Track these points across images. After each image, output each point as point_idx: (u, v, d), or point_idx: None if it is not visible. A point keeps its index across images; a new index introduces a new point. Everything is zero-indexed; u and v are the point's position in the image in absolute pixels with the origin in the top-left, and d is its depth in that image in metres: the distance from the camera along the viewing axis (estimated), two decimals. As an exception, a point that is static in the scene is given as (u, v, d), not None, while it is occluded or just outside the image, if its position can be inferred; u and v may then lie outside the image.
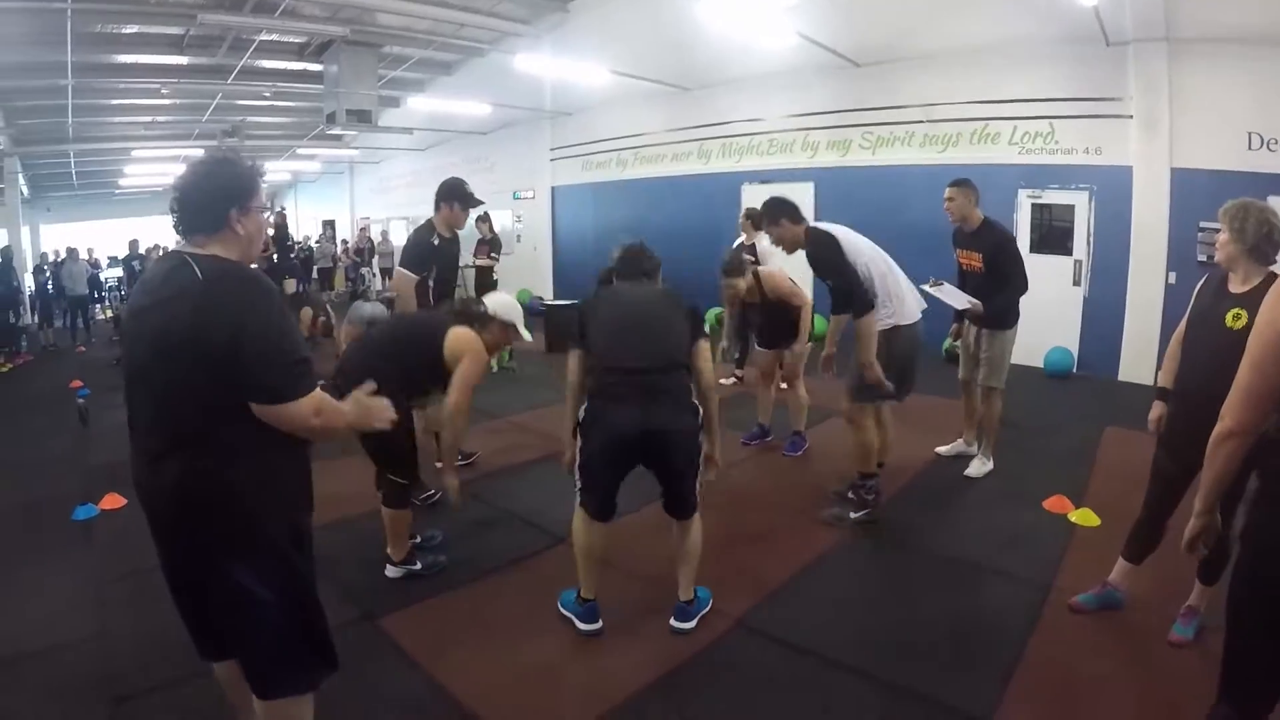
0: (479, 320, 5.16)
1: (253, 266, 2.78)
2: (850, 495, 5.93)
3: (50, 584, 5.12)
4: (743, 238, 10.01)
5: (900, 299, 5.78)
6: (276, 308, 2.57)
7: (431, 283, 6.46)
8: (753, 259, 9.42)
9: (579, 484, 4.27)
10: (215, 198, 2.59)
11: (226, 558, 2.55)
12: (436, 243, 6.45)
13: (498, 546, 5.61)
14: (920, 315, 5.82)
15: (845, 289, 5.53)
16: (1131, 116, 10.61)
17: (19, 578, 5.22)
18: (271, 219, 13.60)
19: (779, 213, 5.84)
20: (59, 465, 7.93)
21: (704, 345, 4.42)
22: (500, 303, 5.38)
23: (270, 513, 2.61)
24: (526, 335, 5.50)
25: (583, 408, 4.23)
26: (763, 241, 9.65)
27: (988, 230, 6.60)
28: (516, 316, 5.38)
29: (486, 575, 5.09)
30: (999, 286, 6.51)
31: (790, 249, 5.99)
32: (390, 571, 5.01)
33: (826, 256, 5.61)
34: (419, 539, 5.33)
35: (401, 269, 6.42)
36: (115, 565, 5.20)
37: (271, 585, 2.61)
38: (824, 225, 5.75)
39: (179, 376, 2.46)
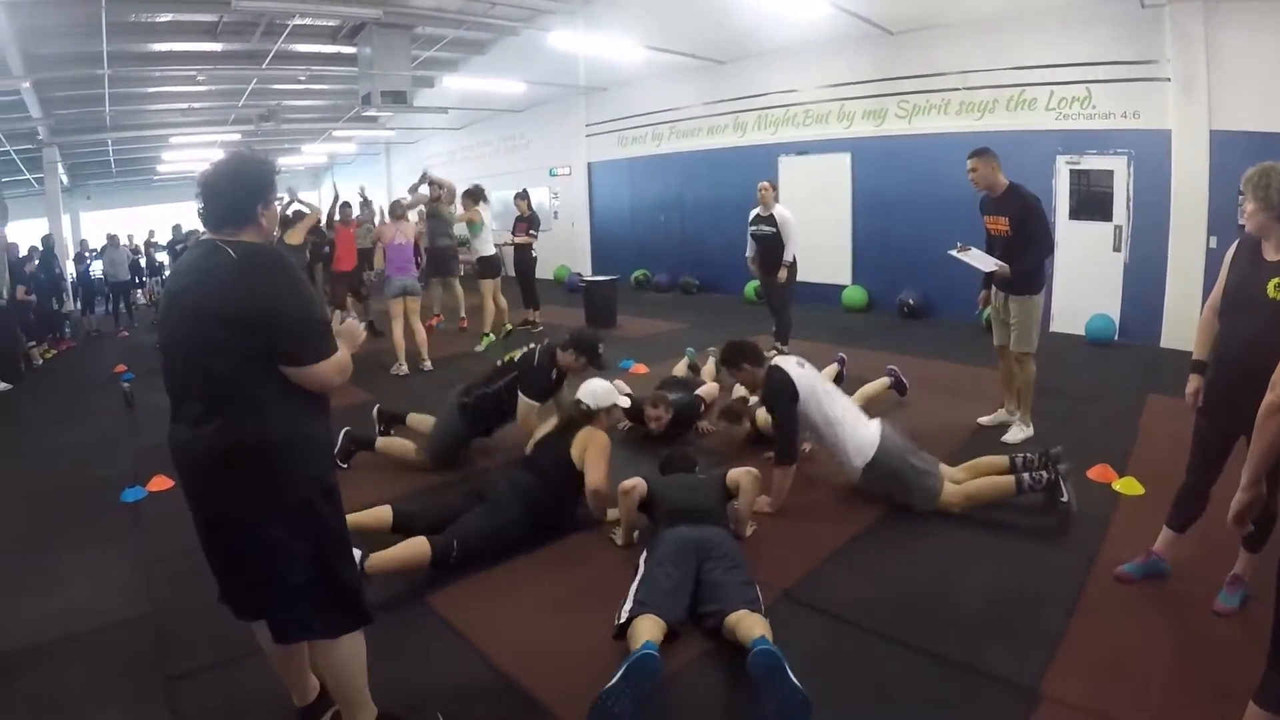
0: (589, 419, 5.62)
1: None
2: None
3: (102, 565, 5.27)
4: (759, 208, 10.18)
5: (853, 428, 5.70)
6: (301, 280, 2.91)
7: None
8: (772, 228, 9.85)
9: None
10: (243, 196, 2.89)
11: (259, 509, 2.78)
12: (554, 375, 6.71)
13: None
14: (878, 441, 5.64)
15: (784, 434, 5.64)
16: (1169, 79, 10.48)
17: (71, 559, 5.38)
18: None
19: (739, 358, 5.89)
20: (106, 448, 8.13)
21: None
22: (593, 394, 5.72)
23: (300, 466, 2.86)
24: (626, 402, 6.11)
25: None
26: (777, 209, 9.73)
27: (1013, 194, 6.65)
28: (612, 398, 5.78)
29: (525, 554, 5.10)
30: (1025, 248, 6.55)
31: (753, 390, 6.12)
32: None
33: (779, 402, 5.65)
34: None
35: (525, 398, 6.61)
36: (164, 546, 5.33)
37: (301, 535, 2.85)
38: (787, 369, 5.70)
39: (216, 344, 2.69)
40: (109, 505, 6.34)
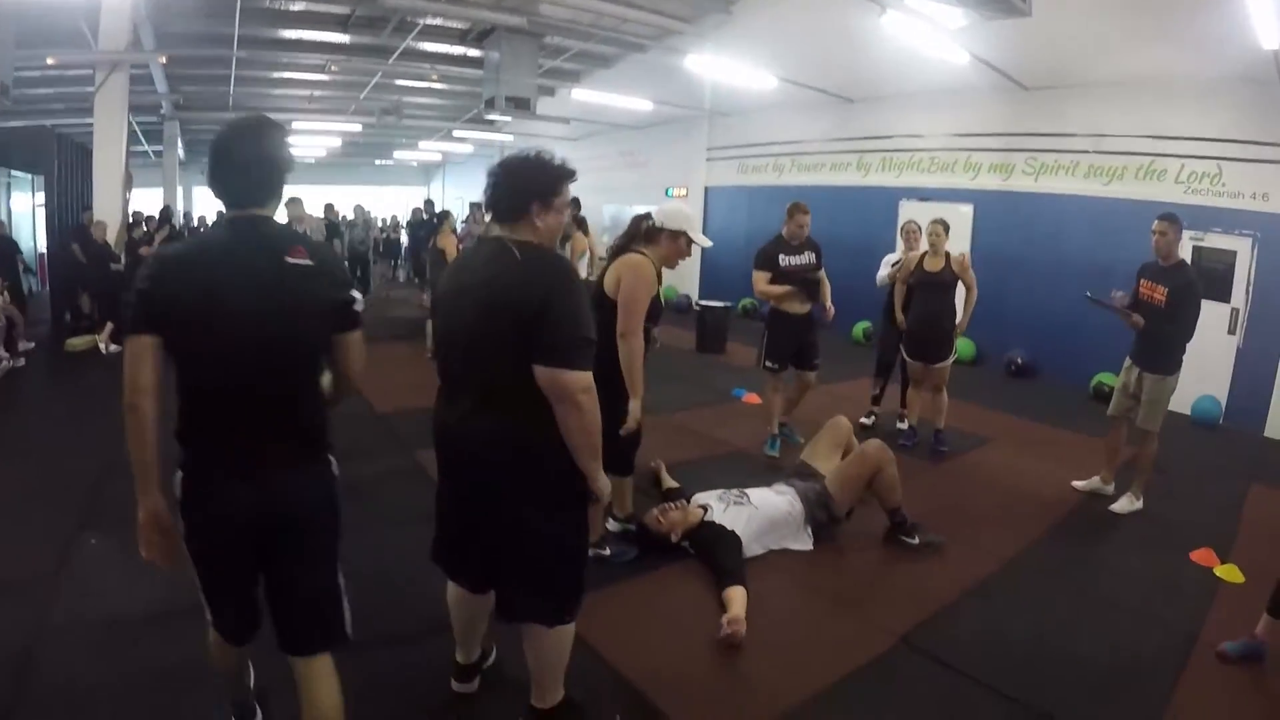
0: (644, 237, 4.89)
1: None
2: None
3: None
4: (896, 253, 9.74)
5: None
6: (578, 288, 2.95)
7: None
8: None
9: None
10: (519, 191, 3.03)
11: (533, 505, 2.97)
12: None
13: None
14: None
15: None
16: (1303, 163, 10.36)
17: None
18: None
19: None
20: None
21: None
22: (667, 211, 4.90)
23: (567, 466, 2.95)
24: (704, 240, 5.04)
25: None
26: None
27: (1181, 269, 6.63)
28: (688, 223, 4.89)
29: (652, 569, 5.21)
30: (1169, 321, 6.51)
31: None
32: None
33: None
34: (608, 551, 5.22)
35: None
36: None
37: (569, 529, 3.09)
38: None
39: (498, 340, 2.84)
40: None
